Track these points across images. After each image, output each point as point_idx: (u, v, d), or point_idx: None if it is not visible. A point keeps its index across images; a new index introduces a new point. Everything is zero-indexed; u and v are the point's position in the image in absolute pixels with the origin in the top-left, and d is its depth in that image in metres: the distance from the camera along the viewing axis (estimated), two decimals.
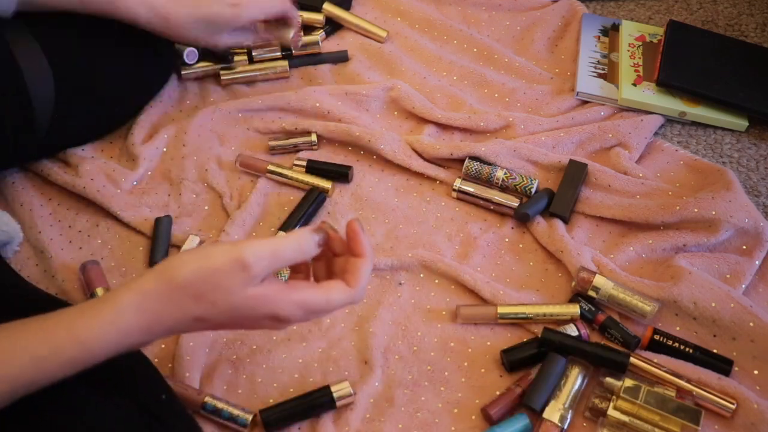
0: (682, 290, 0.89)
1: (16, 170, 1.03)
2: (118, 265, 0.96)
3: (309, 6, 1.23)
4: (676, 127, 1.12)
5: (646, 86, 1.11)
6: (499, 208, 1.01)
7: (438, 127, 1.11)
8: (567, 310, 0.90)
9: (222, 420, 0.82)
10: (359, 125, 1.08)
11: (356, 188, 1.05)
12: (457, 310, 0.91)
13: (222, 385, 0.86)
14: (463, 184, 1.02)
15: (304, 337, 0.91)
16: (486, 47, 1.20)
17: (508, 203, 1.00)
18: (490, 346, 0.90)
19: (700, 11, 1.28)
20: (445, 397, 0.86)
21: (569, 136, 1.07)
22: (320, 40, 1.18)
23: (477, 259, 0.97)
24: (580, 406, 0.84)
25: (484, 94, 1.16)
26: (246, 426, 0.82)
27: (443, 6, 1.28)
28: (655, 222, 0.97)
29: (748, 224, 0.94)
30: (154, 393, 0.72)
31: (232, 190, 1.04)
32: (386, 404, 0.85)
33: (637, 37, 1.19)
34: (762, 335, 0.86)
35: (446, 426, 0.84)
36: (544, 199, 1.00)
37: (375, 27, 1.22)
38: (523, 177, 1.02)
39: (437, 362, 0.89)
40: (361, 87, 1.13)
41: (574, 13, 1.25)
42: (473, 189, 1.02)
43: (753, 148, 1.09)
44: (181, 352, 0.87)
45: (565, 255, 0.95)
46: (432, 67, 1.19)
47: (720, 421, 0.82)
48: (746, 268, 0.92)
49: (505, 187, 1.03)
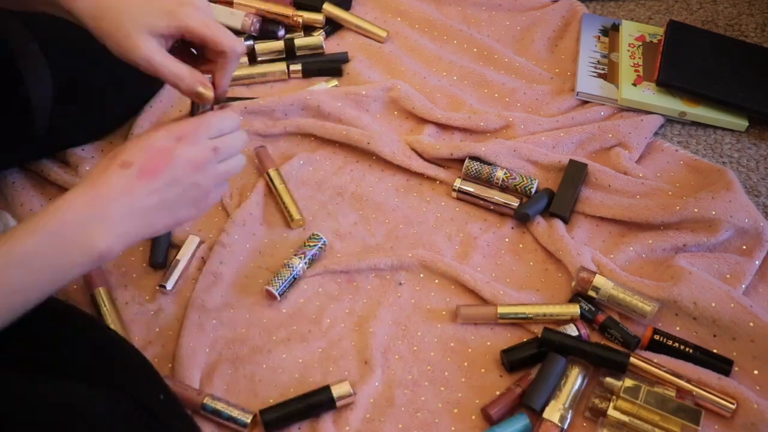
0: (682, 290, 0.89)
1: (16, 170, 1.03)
2: (118, 265, 0.96)
3: (309, 6, 1.23)
4: (676, 127, 1.12)
5: (646, 86, 1.11)
6: (499, 208, 1.01)
7: (438, 127, 1.11)
8: (567, 310, 0.90)
9: (222, 420, 0.82)
10: (359, 126, 1.08)
11: (356, 188, 1.05)
12: (457, 310, 0.91)
13: (222, 385, 0.86)
14: (463, 184, 1.02)
15: (304, 337, 0.91)
16: (486, 47, 1.20)
17: (509, 203, 1.00)
18: (490, 346, 0.90)
19: (700, 11, 1.28)
20: (445, 397, 0.86)
21: (569, 136, 1.07)
22: (323, 42, 1.19)
23: (477, 259, 0.97)
24: (580, 406, 0.84)
25: (484, 94, 1.16)
26: (246, 426, 0.82)
27: (443, 6, 1.28)
28: (655, 222, 0.97)
29: (748, 224, 0.94)
30: (154, 393, 0.72)
31: (232, 189, 1.04)
32: (386, 404, 0.85)
33: (637, 37, 1.19)
34: (762, 335, 0.86)
35: (446, 426, 0.84)
36: (544, 199, 1.00)
37: (375, 27, 1.22)
38: (523, 177, 1.02)
39: (437, 362, 0.89)
40: (361, 87, 1.13)
41: (574, 13, 1.25)
42: (473, 189, 1.02)
43: (753, 148, 1.09)
44: (181, 352, 0.87)
45: (565, 255, 0.95)
46: (432, 67, 1.19)
47: (720, 421, 0.82)
48: (746, 268, 0.92)
49: (505, 187, 1.03)
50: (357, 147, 1.07)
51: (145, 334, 0.90)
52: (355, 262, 0.96)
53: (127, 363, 0.74)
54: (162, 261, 0.95)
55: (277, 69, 1.17)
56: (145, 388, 0.72)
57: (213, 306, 0.92)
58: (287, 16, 1.20)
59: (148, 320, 0.91)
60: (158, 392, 0.73)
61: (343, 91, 1.12)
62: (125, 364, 0.74)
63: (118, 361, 0.71)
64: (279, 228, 1.01)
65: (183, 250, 0.96)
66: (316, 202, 1.04)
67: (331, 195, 1.05)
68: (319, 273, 0.96)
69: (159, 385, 0.74)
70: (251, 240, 0.99)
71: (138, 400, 0.69)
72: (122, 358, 0.74)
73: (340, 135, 1.07)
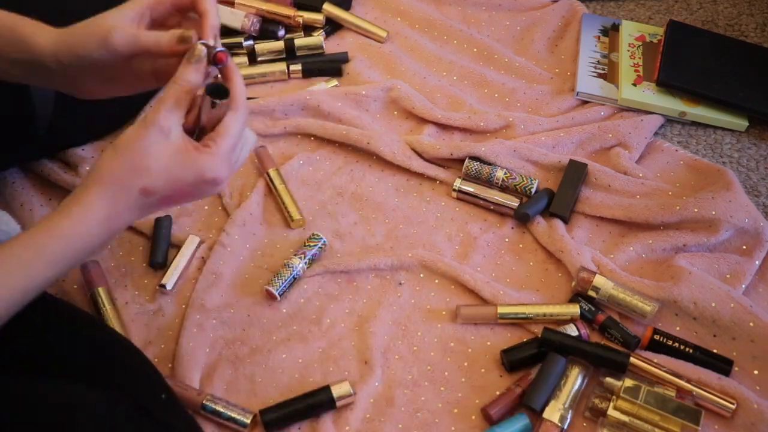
0: (682, 290, 0.89)
1: (16, 170, 1.03)
2: (118, 265, 0.96)
3: (309, 6, 1.23)
4: (676, 127, 1.12)
5: (646, 86, 1.11)
6: (499, 208, 1.01)
7: (438, 127, 1.11)
8: (567, 310, 0.90)
9: (222, 420, 0.82)
10: (359, 126, 1.08)
11: (356, 188, 1.05)
12: (457, 310, 0.91)
13: (222, 385, 0.86)
14: (463, 184, 1.02)
15: (304, 337, 0.91)
16: (486, 47, 1.20)
17: (508, 203, 1.00)
18: (490, 346, 0.90)
19: (700, 11, 1.28)
20: (445, 397, 0.86)
21: (569, 136, 1.07)
22: (323, 42, 1.19)
23: (477, 259, 0.97)
24: (580, 406, 0.84)
25: (484, 94, 1.16)
26: (245, 427, 0.82)
27: (443, 6, 1.28)
28: (655, 222, 0.97)
29: (748, 224, 0.94)
30: (155, 393, 0.72)
31: (232, 189, 1.04)
32: (386, 404, 0.85)
33: (637, 37, 1.19)
34: (762, 335, 0.86)
35: (446, 426, 0.84)
36: (544, 199, 1.00)
37: (375, 27, 1.22)
38: (523, 177, 1.02)
39: (437, 362, 0.89)
40: (361, 87, 1.13)
41: (574, 13, 1.25)
42: (473, 189, 1.02)
43: (753, 148, 1.09)
44: (181, 352, 0.87)
45: (565, 255, 0.95)
46: (432, 67, 1.19)
47: (720, 421, 0.82)
48: (746, 268, 0.92)
49: (505, 187, 1.03)
50: (357, 147, 1.07)
51: (145, 334, 0.90)
52: (355, 262, 0.96)
53: (127, 362, 0.74)
54: (162, 261, 0.95)
55: (277, 69, 1.17)
56: (146, 388, 0.72)
57: (213, 306, 0.92)
58: (288, 16, 1.20)
59: (148, 320, 0.91)
60: (159, 392, 0.73)
61: (343, 91, 1.12)
62: (125, 364, 0.74)
63: (119, 360, 0.71)
64: (279, 228, 1.01)
65: (183, 250, 0.96)
66: (316, 202, 1.04)
67: (331, 195, 1.05)
68: (319, 273, 0.96)
69: (160, 385, 0.74)
70: (251, 240, 0.99)
71: (138, 400, 0.69)
72: (122, 357, 0.74)
73: (340, 135, 1.07)
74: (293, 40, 1.19)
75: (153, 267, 0.96)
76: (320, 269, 0.96)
